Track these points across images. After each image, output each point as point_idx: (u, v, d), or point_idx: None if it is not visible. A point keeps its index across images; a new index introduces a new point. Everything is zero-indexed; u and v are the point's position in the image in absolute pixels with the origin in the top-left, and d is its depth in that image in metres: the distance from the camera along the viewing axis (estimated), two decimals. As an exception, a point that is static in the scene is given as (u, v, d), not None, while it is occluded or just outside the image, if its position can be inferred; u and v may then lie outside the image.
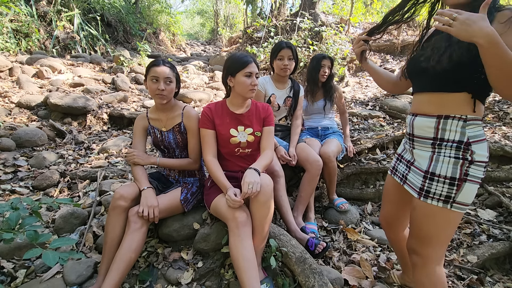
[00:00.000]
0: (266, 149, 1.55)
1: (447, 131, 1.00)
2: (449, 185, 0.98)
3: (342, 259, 1.75)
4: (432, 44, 1.05)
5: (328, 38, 5.95)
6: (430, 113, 1.04)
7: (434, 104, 1.04)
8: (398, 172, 1.23)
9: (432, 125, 1.03)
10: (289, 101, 2.13)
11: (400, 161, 1.23)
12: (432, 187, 1.01)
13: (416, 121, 1.09)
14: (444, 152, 1.01)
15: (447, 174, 0.99)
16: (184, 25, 18.38)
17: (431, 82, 1.04)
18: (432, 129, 1.03)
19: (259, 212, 1.32)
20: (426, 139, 1.06)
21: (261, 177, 1.32)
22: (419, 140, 1.09)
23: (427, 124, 1.05)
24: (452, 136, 0.99)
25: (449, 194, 0.98)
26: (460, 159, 0.98)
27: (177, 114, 1.64)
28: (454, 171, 0.98)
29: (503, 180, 2.40)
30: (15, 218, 1.08)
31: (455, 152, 0.99)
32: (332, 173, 2.09)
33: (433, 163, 1.02)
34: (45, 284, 1.35)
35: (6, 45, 5.33)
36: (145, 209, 1.38)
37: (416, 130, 1.09)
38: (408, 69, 1.17)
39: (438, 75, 1.01)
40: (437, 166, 1.01)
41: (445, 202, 0.99)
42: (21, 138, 2.86)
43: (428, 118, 1.04)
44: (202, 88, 5.31)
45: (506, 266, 1.80)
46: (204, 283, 1.48)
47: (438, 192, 1.00)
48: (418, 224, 1.07)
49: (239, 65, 1.45)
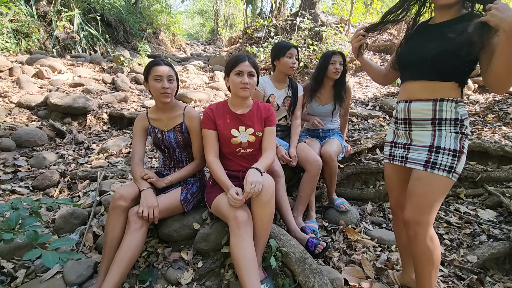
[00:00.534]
0: (268, 149, 1.55)
1: (444, 111, 1.14)
2: (452, 157, 1.12)
3: (342, 259, 1.75)
4: (426, 39, 1.19)
5: (328, 38, 5.95)
6: (426, 98, 1.17)
7: (427, 90, 1.17)
8: (396, 157, 1.32)
9: (429, 107, 1.16)
10: (289, 100, 2.12)
11: (395, 147, 1.34)
12: (439, 159, 1.13)
13: (413, 106, 1.20)
14: (445, 128, 1.15)
15: (450, 147, 1.13)
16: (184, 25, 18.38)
17: (426, 72, 1.16)
18: (430, 111, 1.16)
19: (260, 211, 1.32)
20: (425, 120, 1.18)
21: (263, 177, 1.32)
22: (418, 123, 1.21)
23: (424, 107, 1.17)
24: (449, 115, 1.14)
25: (452, 164, 1.12)
26: (459, 133, 1.14)
27: (178, 114, 1.64)
28: (456, 144, 1.13)
29: (503, 180, 2.40)
30: (15, 218, 1.08)
31: (454, 128, 1.14)
32: (333, 172, 2.08)
33: (437, 138, 1.15)
34: (45, 284, 1.35)
35: (6, 45, 5.33)
36: (145, 209, 1.38)
37: (413, 114, 1.21)
38: (399, 60, 1.28)
39: (433, 67, 1.14)
40: (441, 141, 1.14)
41: (448, 172, 1.12)
42: (21, 138, 2.86)
43: (425, 102, 1.17)
44: (202, 88, 5.31)
45: (506, 266, 1.80)
46: (204, 283, 1.48)
47: (443, 163, 1.12)
48: (423, 193, 1.16)
49: (231, 65, 1.48)
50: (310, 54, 5.62)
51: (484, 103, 4.16)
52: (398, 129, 1.31)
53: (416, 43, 1.23)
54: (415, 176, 1.20)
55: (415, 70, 1.21)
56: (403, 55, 1.27)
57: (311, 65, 5.60)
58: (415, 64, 1.20)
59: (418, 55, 1.18)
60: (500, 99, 4.15)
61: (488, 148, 2.52)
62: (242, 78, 1.45)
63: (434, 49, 1.12)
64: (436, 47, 1.12)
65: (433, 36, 1.16)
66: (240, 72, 1.46)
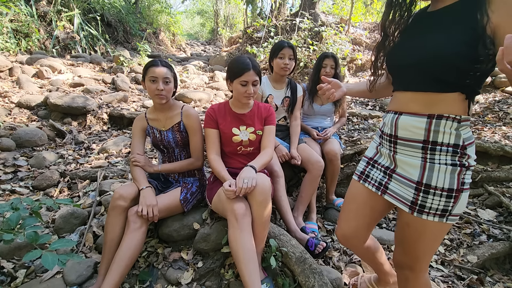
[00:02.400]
0: (266, 147, 1.58)
1: (440, 133, 0.86)
2: (446, 198, 0.87)
3: (342, 259, 1.75)
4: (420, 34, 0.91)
5: (328, 38, 5.95)
6: (419, 111, 0.89)
7: (422, 102, 0.89)
8: (370, 179, 1.07)
9: (422, 125, 0.88)
10: (287, 101, 2.12)
11: (373, 166, 1.07)
12: (428, 201, 0.89)
13: (402, 120, 0.92)
14: (439, 158, 0.87)
15: (444, 186, 0.86)
16: (184, 25, 18.37)
17: (419, 80, 0.89)
18: (422, 131, 0.88)
19: (257, 210, 1.32)
20: (414, 142, 0.91)
21: (259, 176, 1.33)
22: (405, 143, 0.93)
23: (415, 125, 0.89)
24: (447, 139, 0.86)
25: (445, 207, 0.87)
26: (457, 166, 0.86)
27: (176, 113, 1.65)
28: (452, 181, 0.86)
29: (503, 180, 2.39)
30: (15, 218, 1.08)
31: (451, 158, 0.86)
32: (336, 171, 2.10)
33: (427, 173, 0.89)
34: (45, 284, 1.36)
35: (6, 45, 5.33)
36: (144, 208, 1.38)
37: (400, 131, 0.93)
38: (387, 64, 1.03)
39: (427, 73, 0.87)
40: (433, 177, 0.88)
41: (441, 216, 0.88)
42: (21, 138, 2.86)
43: (417, 117, 0.89)
44: (202, 88, 5.31)
45: (506, 266, 1.80)
46: (204, 283, 1.48)
47: (434, 207, 0.88)
48: (413, 241, 0.96)
49: (236, 72, 1.47)
50: (310, 54, 5.62)
51: (484, 103, 4.15)
52: (383, 146, 1.04)
53: (407, 40, 0.95)
54: (402, 219, 0.98)
55: (405, 77, 0.94)
56: (390, 56, 1.00)
57: (311, 65, 5.59)
58: (404, 69, 0.94)
59: (408, 57, 0.91)
60: (500, 99, 4.15)
61: (488, 148, 2.52)
62: (247, 89, 1.46)
63: (430, 48, 0.85)
64: (432, 45, 0.85)
65: (430, 29, 0.88)
66: (246, 83, 1.46)
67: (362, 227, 1.12)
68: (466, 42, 0.79)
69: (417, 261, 0.99)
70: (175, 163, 1.67)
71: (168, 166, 1.65)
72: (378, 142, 1.09)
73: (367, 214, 1.10)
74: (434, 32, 0.87)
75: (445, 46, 0.82)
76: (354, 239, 1.15)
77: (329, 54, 2.20)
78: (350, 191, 1.16)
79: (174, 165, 1.66)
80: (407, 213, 0.94)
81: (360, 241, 1.16)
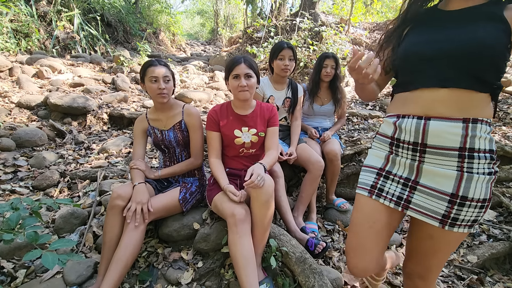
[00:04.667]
0: (271, 149, 1.58)
1: (477, 138, 0.79)
2: (479, 208, 0.81)
3: (342, 259, 1.75)
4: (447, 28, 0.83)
5: (328, 38, 5.95)
6: (453, 115, 0.80)
7: (455, 104, 0.79)
8: (386, 193, 0.93)
9: (458, 131, 0.79)
10: (288, 102, 2.12)
11: (387, 178, 0.94)
12: (462, 213, 0.81)
13: (433, 126, 0.81)
14: (478, 167, 0.80)
15: (480, 197, 0.80)
16: (184, 25, 18.36)
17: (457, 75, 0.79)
18: (458, 137, 0.79)
19: (259, 211, 1.32)
20: (449, 150, 0.81)
21: (265, 176, 1.33)
22: (437, 152, 0.83)
23: (450, 130, 0.80)
24: (483, 145, 0.80)
25: (476, 218, 0.82)
26: (492, 174, 0.81)
27: (177, 113, 1.65)
28: (487, 191, 0.81)
29: (503, 180, 2.39)
30: (15, 218, 1.08)
31: (488, 166, 0.81)
32: (336, 171, 2.10)
33: (464, 184, 0.80)
34: (45, 284, 1.35)
35: (6, 45, 5.33)
36: (133, 205, 1.38)
37: (432, 138, 0.82)
38: (406, 57, 0.88)
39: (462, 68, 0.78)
40: (470, 188, 0.80)
41: (470, 227, 0.83)
42: (21, 138, 2.86)
43: (452, 122, 0.80)
44: (202, 88, 5.31)
45: (506, 266, 1.80)
46: (204, 283, 1.48)
47: (467, 219, 0.82)
48: (432, 252, 0.90)
49: (228, 68, 1.49)
50: (310, 54, 5.62)
51: (484, 103, 4.15)
52: (399, 155, 0.92)
53: (431, 32, 0.85)
54: (425, 231, 0.90)
55: (436, 71, 0.82)
56: (412, 47, 0.87)
57: (311, 65, 5.59)
58: (432, 62, 0.82)
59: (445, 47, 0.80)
60: (500, 99, 4.15)
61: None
62: (239, 81, 1.46)
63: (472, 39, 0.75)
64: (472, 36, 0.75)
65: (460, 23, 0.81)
66: (237, 75, 1.46)
67: (381, 254, 0.96)
68: (501, 40, 0.76)
69: (431, 271, 0.95)
70: (175, 166, 1.66)
71: (168, 170, 1.65)
72: (388, 150, 0.95)
73: (384, 236, 0.94)
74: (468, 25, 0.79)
75: (486, 37, 0.75)
76: (373, 270, 0.99)
77: (329, 54, 2.20)
78: (361, 211, 0.96)
79: (174, 168, 1.65)
80: (432, 225, 0.86)
81: (378, 267, 1.02)
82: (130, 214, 1.36)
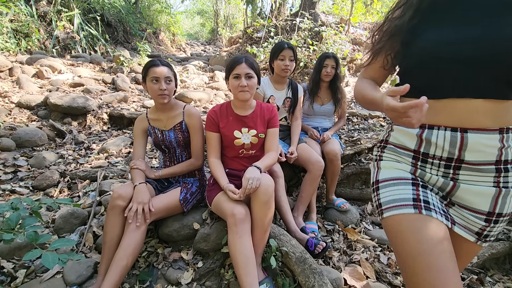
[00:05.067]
0: (270, 150, 1.58)
1: (510, 148, 0.71)
2: (508, 223, 0.81)
3: (342, 259, 1.75)
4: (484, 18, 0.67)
5: (328, 38, 5.95)
6: (490, 126, 0.70)
7: (492, 112, 0.69)
8: (433, 206, 0.74)
9: (496, 143, 0.70)
10: (288, 102, 2.12)
11: (425, 187, 0.78)
12: (494, 229, 0.77)
13: (472, 139, 0.70)
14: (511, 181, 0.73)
15: (509, 211, 0.75)
16: (184, 25, 18.37)
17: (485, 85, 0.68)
18: (495, 150, 0.70)
19: (260, 211, 1.32)
20: (486, 165, 0.72)
21: (263, 176, 1.33)
22: (473, 168, 0.73)
23: (489, 143, 0.70)
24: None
25: (501, 230, 0.81)
26: None
27: (178, 113, 1.65)
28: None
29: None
30: (15, 218, 1.08)
31: None
32: (336, 171, 2.10)
33: (501, 200, 0.73)
34: (45, 284, 1.35)
35: (6, 45, 5.33)
36: (134, 205, 1.38)
37: (470, 153, 0.71)
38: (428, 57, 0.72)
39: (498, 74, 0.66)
40: (506, 204, 0.73)
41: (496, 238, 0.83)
42: (21, 138, 2.86)
43: (489, 134, 0.70)
44: (202, 88, 5.31)
45: (506, 266, 1.80)
46: (204, 283, 1.48)
47: (496, 233, 0.78)
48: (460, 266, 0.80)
49: (229, 67, 1.48)
50: (310, 54, 5.62)
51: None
52: (426, 172, 0.79)
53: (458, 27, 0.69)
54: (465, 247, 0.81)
55: (467, 77, 0.68)
56: (440, 45, 0.70)
57: (311, 65, 5.59)
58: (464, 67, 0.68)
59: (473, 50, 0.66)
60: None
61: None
62: (240, 81, 1.45)
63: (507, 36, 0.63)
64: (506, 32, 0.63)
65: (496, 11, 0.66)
66: (238, 75, 1.46)
67: None
68: None
69: None
70: (175, 166, 1.66)
71: (168, 170, 1.65)
72: (411, 162, 0.80)
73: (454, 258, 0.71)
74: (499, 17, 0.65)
75: None
76: None
77: (330, 55, 2.21)
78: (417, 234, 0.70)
79: (175, 169, 1.65)
80: (465, 238, 0.79)
81: None
82: (131, 214, 1.36)
